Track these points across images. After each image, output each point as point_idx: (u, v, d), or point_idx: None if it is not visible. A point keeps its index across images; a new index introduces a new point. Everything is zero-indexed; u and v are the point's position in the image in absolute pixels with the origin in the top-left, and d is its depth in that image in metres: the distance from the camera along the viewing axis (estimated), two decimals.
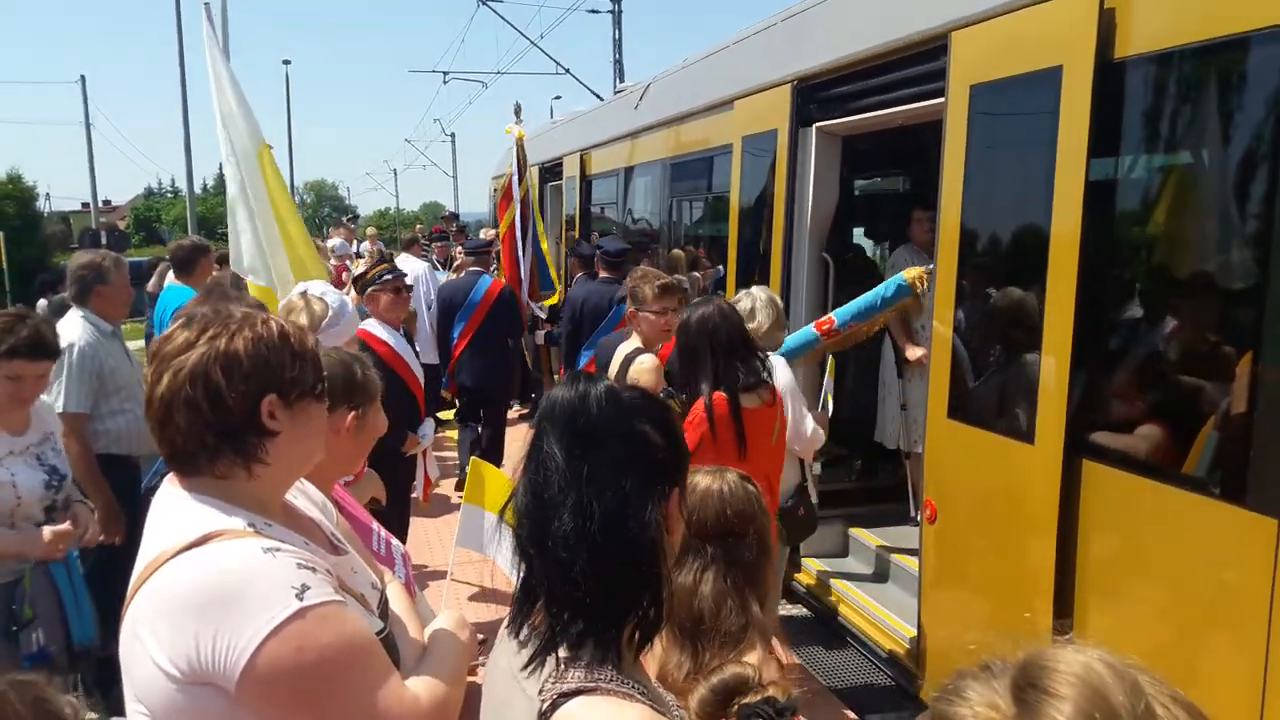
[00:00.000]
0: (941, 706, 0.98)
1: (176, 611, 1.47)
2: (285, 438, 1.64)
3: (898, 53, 4.59)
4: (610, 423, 1.36)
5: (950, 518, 4.10)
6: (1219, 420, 2.91)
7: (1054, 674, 0.90)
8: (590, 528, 1.30)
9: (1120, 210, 3.33)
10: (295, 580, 1.49)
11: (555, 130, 12.79)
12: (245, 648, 1.43)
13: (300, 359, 1.66)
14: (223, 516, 1.57)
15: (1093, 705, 0.87)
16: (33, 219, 38.37)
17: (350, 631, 1.52)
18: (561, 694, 1.26)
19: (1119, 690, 0.88)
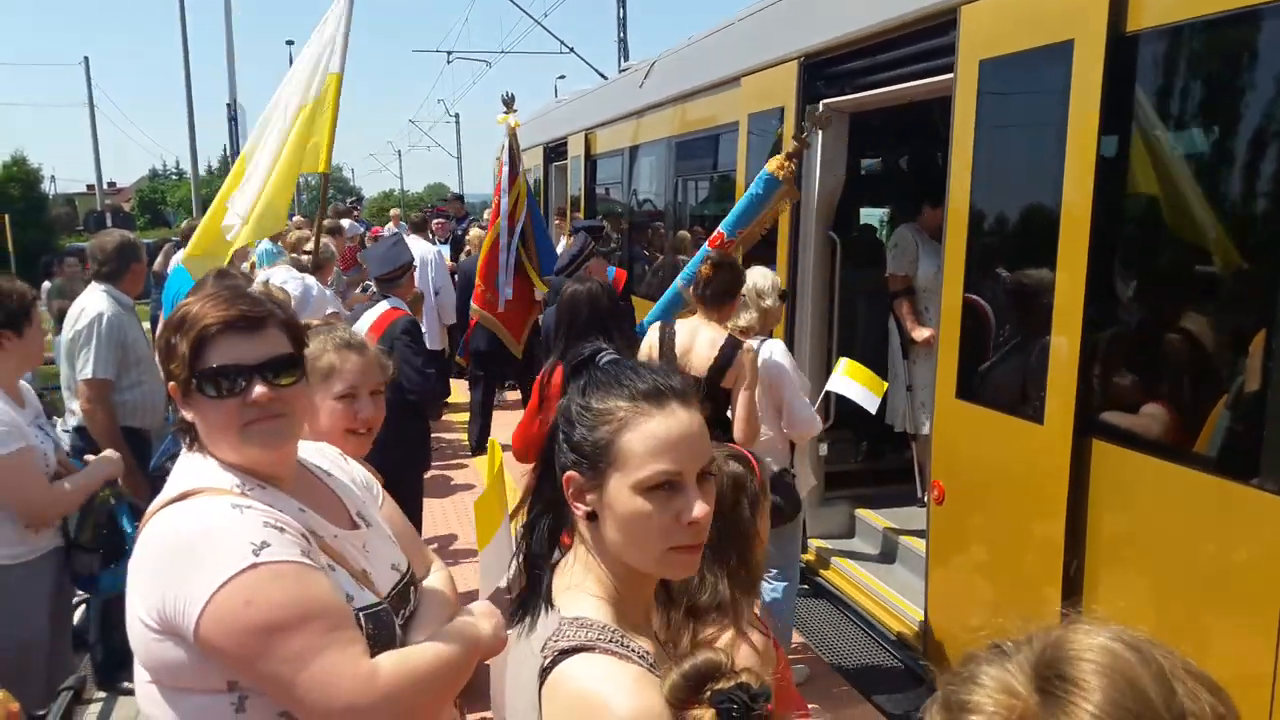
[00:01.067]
0: (955, 693, 0.94)
1: (149, 565, 1.52)
2: (199, 426, 1.64)
3: (906, 27, 4.53)
4: (574, 393, 1.39)
5: (959, 499, 4.07)
6: (1230, 399, 2.87)
7: (1079, 662, 0.87)
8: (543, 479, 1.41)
9: (1132, 187, 3.28)
10: (256, 537, 1.49)
11: (560, 110, 12.71)
12: (198, 598, 1.44)
13: (175, 354, 1.61)
14: (214, 475, 1.61)
15: (1122, 693, 0.85)
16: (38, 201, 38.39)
17: (306, 593, 1.50)
18: (561, 651, 1.28)
19: (1147, 676, 0.86)
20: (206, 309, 1.61)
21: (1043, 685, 0.88)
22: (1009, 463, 3.73)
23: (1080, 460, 3.32)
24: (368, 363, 2.33)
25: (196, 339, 1.59)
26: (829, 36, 5.20)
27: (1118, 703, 0.84)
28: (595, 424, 1.33)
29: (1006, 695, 0.89)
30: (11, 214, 29.08)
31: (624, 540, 1.32)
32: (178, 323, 1.62)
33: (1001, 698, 0.89)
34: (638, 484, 1.29)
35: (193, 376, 1.59)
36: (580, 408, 1.36)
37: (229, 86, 19.52)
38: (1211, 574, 2.88)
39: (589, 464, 1.33)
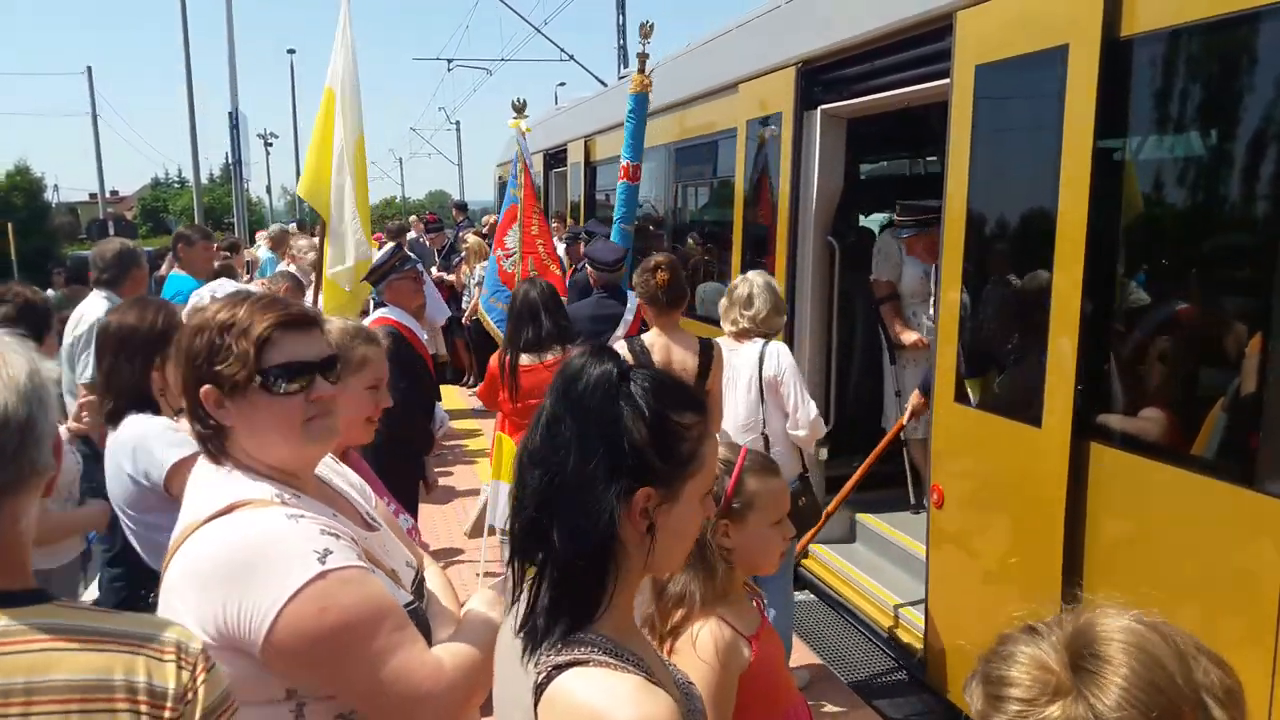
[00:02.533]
0: (994, 669, 1.03)
1: (204, 579, 1.50)
2: (241, 429, 1.63)
3: (902, 34, 4.55)
4: (597, 401, 1.33)
5: (958, 502, 4.08)
6: (1227, 402, 2.88)
7: (1108, 641, 0.97)
8: (548, 495, 1.30)
9: (1128, 191, 3.29)
10: (318, 545, 1.51)
11: (559, 117, 12.74)
12: (269, 611, 1.45)
13: (232, 350, 1.60)
14: (250, 486, 1.60)
15: (1146, 668, 0.95)
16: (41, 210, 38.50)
17: (372, 595, 1.54)
18: (555, 666, 1.26)
19: (1168, 653, 0.96)
20: (256, 311, 1.63)
21: (1075, 662, 0.98)
22: (1007, 466, 3.74)
23: (1078, 463, 3.33)
24: (384, 355, 2.55)
25: (261, 337, 1.60)
26: (826, 43, 5.22)
27: (1143, 676, 0.94)
28: (684, 436, 1.35)
29: (1042, 670, 0.99)
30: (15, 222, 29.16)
31: (678, 546, 1.37)
32: (224, 325, 1.61)
33: (1037, 673, 0.99)
34: (705, 492, 1.38)
35: (258, 373, 1.59)
36: (669, 422, 1.34)
37: (230, 96, 19.58)
38: (1209, 577, 2.89)
39: (669, 476, 1.32)
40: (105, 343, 2.82)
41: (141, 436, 2.67)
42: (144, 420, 2.71)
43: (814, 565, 5.73)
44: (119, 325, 2.81)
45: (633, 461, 1.30)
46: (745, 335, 4.31)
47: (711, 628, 1.98)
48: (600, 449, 1.30)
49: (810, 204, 5.51)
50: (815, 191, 5.48)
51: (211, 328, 1.62)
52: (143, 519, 2.66)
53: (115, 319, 2.85)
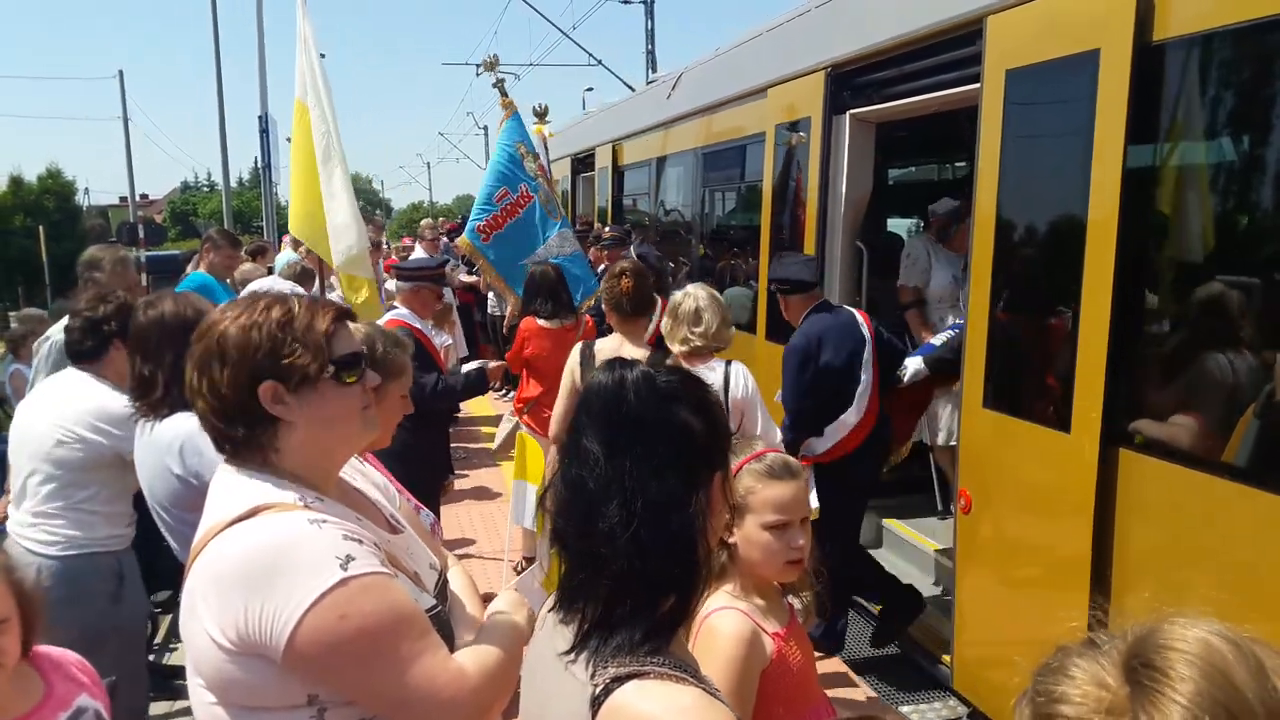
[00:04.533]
0: (1045, 684, 0.92)
1: (226, 583, 1.49)
2: (300, 426, 1.64)
3: (932, 38, 4.55)
4: (649, 412, 1.34)
5: (986, 508, 4.07)
6: (1259, 408, 2.86)
7: (1171, 652, 0.85)
8: (633, 523, 1.28)
9: (1159, 197, 3.28)
10: (340, 551, 1.50)
11: (587, 122, 12.80)
12: (290, 617, 1.44)
13: (306, 346, 1.62)
14: (274, 490, 1.59)
15: (1215, 686, 0.82)
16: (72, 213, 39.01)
17: (394, 601, 1.53)
18: (615, 678, 1.25)
19: (1242, 670, 0.82)
20: (313, 307, 1.68)
21: (1133, 676, 0.85)
22: (1035, 472, 3.73)
23: (1107, 469, 3.32)
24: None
25: (329, 329, 1.66)
26: (855, 47, 5.22)
27: (1208, 694, 0.81)
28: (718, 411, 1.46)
29: (1096, 687, 0.88)
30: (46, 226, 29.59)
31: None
32: (283, 321, 1.63)
33: (1091, 689, 0.88)
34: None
35: (330, 363, 1.64)
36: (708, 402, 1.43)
37: (260, 99, 19.78)
38: (1240, 584, 2.87)
39: (725, 452, 1.45)
40: (167, 333, 2.78)
41: (189, 435, 2.67)
42: (187, 419, 2.71)
43: None
44: (177, 315, 2.81)
45: (703, 455, 1.34)
46: (698, 355, 4.05)
47: (732, 619, 2.00)
48: (672, 459, 1.32)
49: (839, 209, 5.51)
50: (844, 196, 5.48)
51: (267, 324, 1.62)
52: (184, 516, 2.67)
53: (170, 309, 2.84)
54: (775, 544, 2.05)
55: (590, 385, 1.39)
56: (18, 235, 32.84)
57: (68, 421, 3.22)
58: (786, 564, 2.06)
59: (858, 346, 4.69)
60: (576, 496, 1.34)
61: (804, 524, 2.09)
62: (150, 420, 2.74)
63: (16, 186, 36.92)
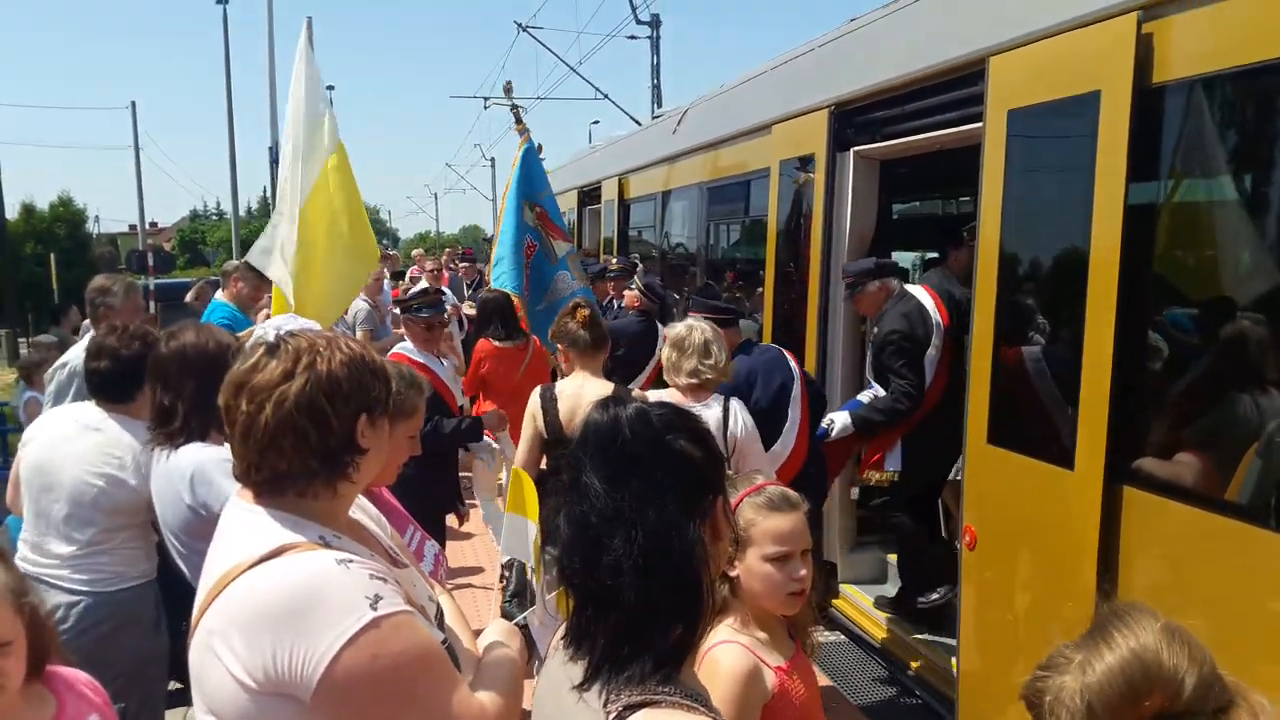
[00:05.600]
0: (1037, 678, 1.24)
1: (253, 623, 1.49)
2: (371, 454, 1.71)
3: (935, 78, 4.61)
4: (646, 445, 1.37)
5: (990, 544, 4.07)
6: (1261, 447, 2.87)
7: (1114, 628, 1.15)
8: (636, 554, 1.31)
9: (1160, 235, 3.31)
10: (369, 591, 1.52)
11: (593, 155, 12.91)
12: (322, 657, 1.46)
13: (380, 377, 1.73)
14: (295, 529, 1.61)
15: (1136, 654, 1.11)
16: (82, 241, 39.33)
17: (421, 640, 1.56)
18: (628, 706, 1.28)
19: (1166, 645, 1.12)
20: (363, 345, 1.77)
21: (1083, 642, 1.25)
22: (1040, 508, 3.73)
23: (1111, 506, 3.32)
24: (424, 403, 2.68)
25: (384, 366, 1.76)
26: (859, 86, 5.29)
27: (1130, 659, 1.14)
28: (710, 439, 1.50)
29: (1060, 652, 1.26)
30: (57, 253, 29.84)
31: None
32: (358, 356, 1.71)
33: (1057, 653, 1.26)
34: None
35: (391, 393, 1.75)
36: (701, 431, 1.47)
37: (271, 130, 19.99)
38: (1244, 623, 2.87)
39: (720, 477, 1.49)
40: (189, 364, 2.82)
41: (200, 466, 2.70)
42: (200, 449, 2.75)
43: (845, 606, 5.71)
44: (199, 346, 2.85)
45: (701, 483, 1.38)
46: (704, 389, 4.03)
47: (733, 653, 2.01)
48: (672, 488, 1.35)
49: (843, 244, 5.55)
50: (848, 232, 5.53)
51: (354, 361, 1.69)
52: (195, 545, 2.70)
53: (191, 340, 2.87)
54: (777, 575, 2.07)
55: (587, 423, 1.42)
56: (29, 262, 33.11)
57: (109, 467, 3.19)
58: (789, 595, 2.08)
59: (787, 381, 4.73)
60: (581, 533, 1.37)
61: (805, 555, 2.11)
62: (166, 449, 2.77)
63: (28, 214, 37.27)
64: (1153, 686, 1.04)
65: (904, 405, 4.98)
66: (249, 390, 1.65)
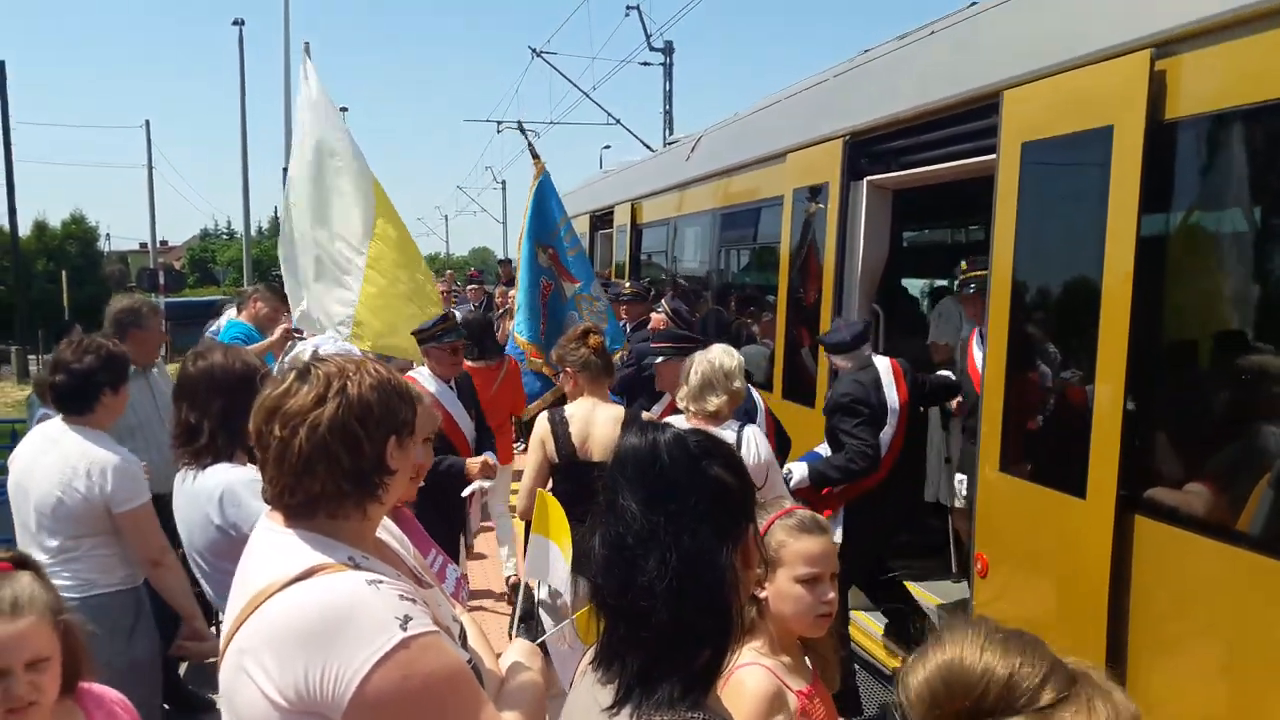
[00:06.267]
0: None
1: (286, 643, 1.52)
2: (399, 475, 1.75)
3: (948, 110, 4.67)
4: (683, 471, 1.41)
5: (1002, 572, 4.09)
6: (1274, 476, 2.91)
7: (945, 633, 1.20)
8: (669, 578, 1.34)
9: (1172, 268, 3.36)
10: (399, 611, 1.55)
11: (606, 180, 13.03)
12: (354, 676, 1.48)
13: (406, 400, 1.77)
14: (325, 550, 1.64)
15: (958, 655, 1.15)
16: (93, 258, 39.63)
17: (451, 660, 1.59)
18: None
19: (973, 652, 1.15)
20: (383, 364, 1.82)
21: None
22: (1051, 537, 3.76)
23: (1122, 535, 3.35)
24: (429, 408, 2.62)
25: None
26: (874, 117, 5.35)
27: (943, 662, 1.16)
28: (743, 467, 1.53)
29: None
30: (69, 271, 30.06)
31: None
32: (387, 380, 1.77)
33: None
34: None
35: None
36: (735, 458, 1.50)
37: (285, 151, 20.15)
38: (1255, 652, 2.89)
39: (751, 506, 1.52)
40: (216, 384, 2.88)
41: (229, 487, 2.74)
42: (228, 470, 2.79)
43: (856, 633, 5.71)
44: (226, 367, 2.92)
45: (735, 509, 1.41)
46: (720, 416, 4.13)
47: (758, 675, 2.04)
48: (708, 514, 1.38)
49: (856, 272, 5.61)
50: (861, 260, 5.58)
51: (383, 384, 1.75)
52: (221, 565, 2.74)
53: (219, 360, 2.94)
54: (807, 597, 2.10)
55: (624, 448, 1.46)
56: (40, 279, 33.36)
57: (65, 476, 3.32)
58: (817, 617, 2.12)
59: (749, 408, 4.81)
60: (616, 554, 1.40)
61: (833, 579, 2.15)
62: (193, 469, 2.82)
63: (40, 231, 37.59)
64: (953, 694, 1.12)
65: (858, 465, 4.89)
66: (281, 416, 1.69)
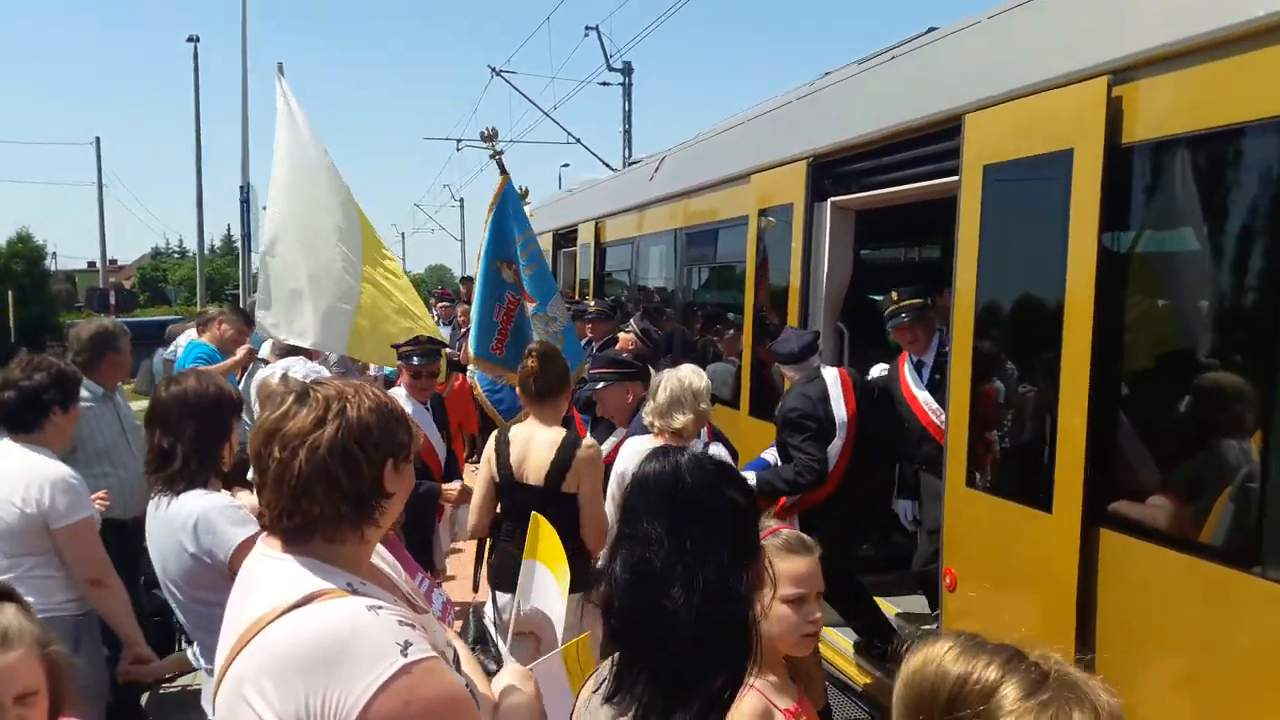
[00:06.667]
0: None
1: (286, 669, 1.52)
2: (395, 498, 1.76)
3: (911, 133, 4.77)
4: (705, 492, 1.44)
5: (970, 586, 4.16)
6: (1234, 491, 2.99)
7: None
8: (696, 602, 1.37)
9: (1132, 285, 3.46)
10: (399, 637, 1.55)
11: (570, 199, 13.06)
12: (356, 703, 1.48)
13: (402, 423, 1.77)
14: (323, 576, 1.64)
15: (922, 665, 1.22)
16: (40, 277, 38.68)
17: (450, 685, 1.60)
18: None
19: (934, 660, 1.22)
20: (383, 393, 1.81)
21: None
22: (1018, 551, 3.83)
23: (1089, 548, 3.43)
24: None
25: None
26: (837, 139, 5.45)
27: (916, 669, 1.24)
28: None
29: None
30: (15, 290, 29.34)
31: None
32: (384, 404, 1.77)
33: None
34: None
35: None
36: (747, 484, 1.54)
37: (242, 169, 19.98)
38: (1219, 662, 2.97)
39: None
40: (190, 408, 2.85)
41: (203, 514, 2.71)
42: (202, 496, 2.76)
43: (826, 649, 5.75)
44: (200, 391, 2.89)
45: (749, 533, 1.44)
46: (681, 434, 4.15)
47: (747, 696, 2.06)
48: (730, 537, 1.42)
49: (820, 291, 5.69)
50: (825, 279, 5.66)
51: (381, 408, 1.75)
52: (197, 594, 2.71)
53: (193, 385, 2.91)
54: (793, 617, 2.11)
55: (645, 472, 1.48)
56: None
57: (3, 493, 3.28)
58: (803, 637, 2.13)
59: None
60: (641, 579, 1.42)
61: (818, 598, 2.17)
62: (166, 495, 2.79)
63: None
64: (921, 703, 1.19)
65: (804, 480, 4.95)
66: (281, 438, 1.69)
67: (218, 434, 2.85)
